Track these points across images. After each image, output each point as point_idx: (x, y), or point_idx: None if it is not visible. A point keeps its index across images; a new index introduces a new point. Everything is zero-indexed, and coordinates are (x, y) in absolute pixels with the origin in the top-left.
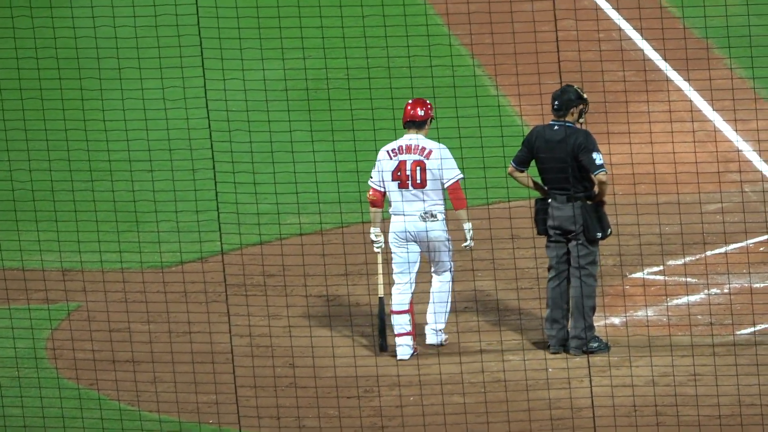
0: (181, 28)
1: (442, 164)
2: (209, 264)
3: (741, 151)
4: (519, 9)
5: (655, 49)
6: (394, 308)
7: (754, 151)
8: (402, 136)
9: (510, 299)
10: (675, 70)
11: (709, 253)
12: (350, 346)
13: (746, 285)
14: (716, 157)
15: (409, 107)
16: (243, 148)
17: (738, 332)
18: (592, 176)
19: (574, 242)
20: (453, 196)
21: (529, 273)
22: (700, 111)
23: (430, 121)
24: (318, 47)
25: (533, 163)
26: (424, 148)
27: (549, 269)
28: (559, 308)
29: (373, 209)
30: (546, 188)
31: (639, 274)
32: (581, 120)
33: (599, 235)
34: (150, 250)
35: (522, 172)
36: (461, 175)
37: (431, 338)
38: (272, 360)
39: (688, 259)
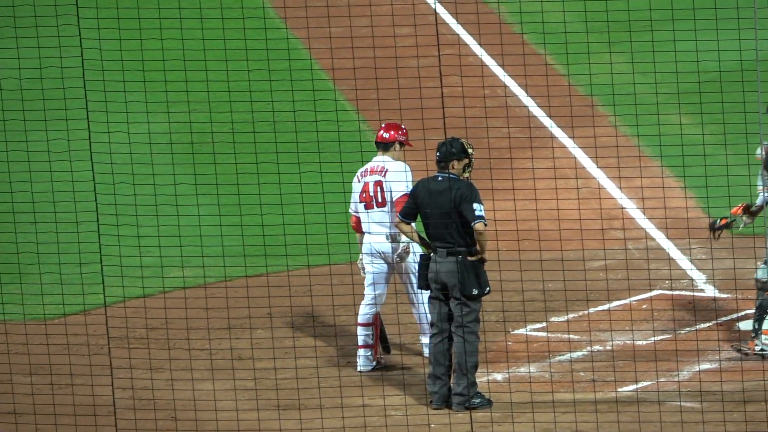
0: (66, 81)
1: (393, 179)
2: (92, 317)
3: (625, 208)
4: (404, 65)
5: (540, 106)
6: (359, 320)
7: (638, 208)
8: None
9: (393, 354)
10: (560, 127)
11: (592, 310)
12: (232, 399)
13: (629, 342)
14: (600, 214)
15: (381, 130)
16: (127, 201)
17: (620, 389)
18: (472, 225)
19: (454, 301)
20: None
21: (413, 328)
22: (585, 168)
23: (400, 146)
24: (203, 101)
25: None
26: (383, 168)
27: (431, 326)
28: (441, 365)
29: (358, 235)
30: (429, 242)
31: (522, 331)
32: (466, 174)
33: (475, 291)
34: (33, 302)
35: (408, 224)
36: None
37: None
38: (154, 413)
39: (571, 315)
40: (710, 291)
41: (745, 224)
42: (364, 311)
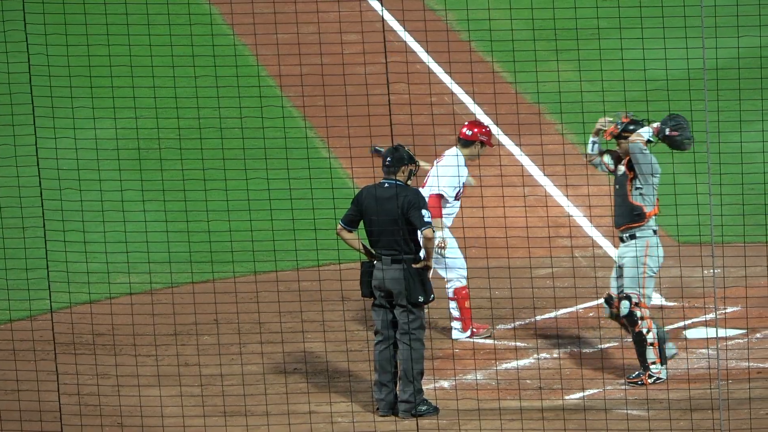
0: (12, 86)
1: (439, 173)
2: (38, 322)
3: (572, 216)
4: (351, 72)
5: (487, 114)
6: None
7: (584, 216)
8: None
9: (339, 361)
10: (507, 134)
11: (539, 317)
12: (179, 405)
13: (576, 350)
14: (547, 222)
15: (464, 126)
16: (74, 206)
17: (567, 397)
18: (419, 232)
19: (399, 308)
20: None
21: (359, 335)
22: (532, 176)
23: (481, 146)
24: (150, 107)
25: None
26: (442, 156)
27: (376, 333)
28: (387, 372)
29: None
30: (373, 250)
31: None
32: (410, 181)
33: (421, 299)
34: None
35: (350, 232)
36: (440, 191)
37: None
38: (100, 419)
39: (517, 323)
40: (657, 299)
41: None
42: (447, 286)
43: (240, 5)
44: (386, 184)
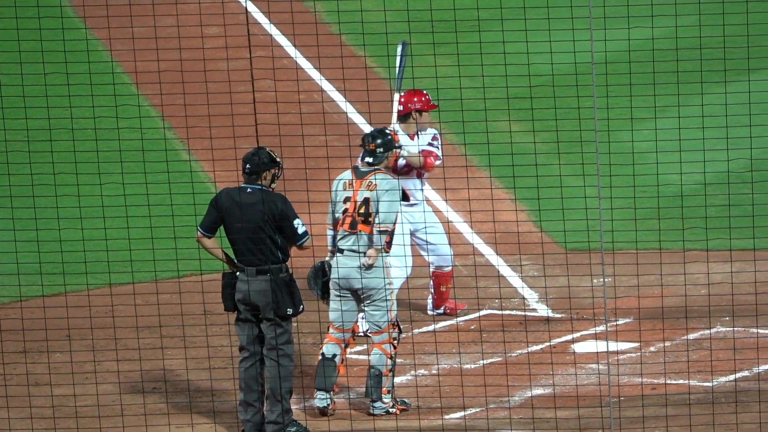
0: None
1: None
2: None
3: (451, 221)
4: (213, 68)
5: (360, 113)
6: None
7: (464, 222)
8: None
9: (202, 380)
10: None
11: (416, 331)
12: (28, 428)
13: (456, 366)
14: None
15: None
16: None
17: (447, 416)
18: (296, 246)
19: (266, 322)
20: None
21: (223, 351)
22: None
23: (419, 114)
24: None
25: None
26: None
27: (240, 349)
28: (253, 391)
29: None
30: (235, 259)
31: None
32: (273, 185)
33: (290, 311)
34: None
35: (210, 238)
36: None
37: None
38: None
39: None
40: (543, 310)
41: None
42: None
43: None
44: (249, 189)
